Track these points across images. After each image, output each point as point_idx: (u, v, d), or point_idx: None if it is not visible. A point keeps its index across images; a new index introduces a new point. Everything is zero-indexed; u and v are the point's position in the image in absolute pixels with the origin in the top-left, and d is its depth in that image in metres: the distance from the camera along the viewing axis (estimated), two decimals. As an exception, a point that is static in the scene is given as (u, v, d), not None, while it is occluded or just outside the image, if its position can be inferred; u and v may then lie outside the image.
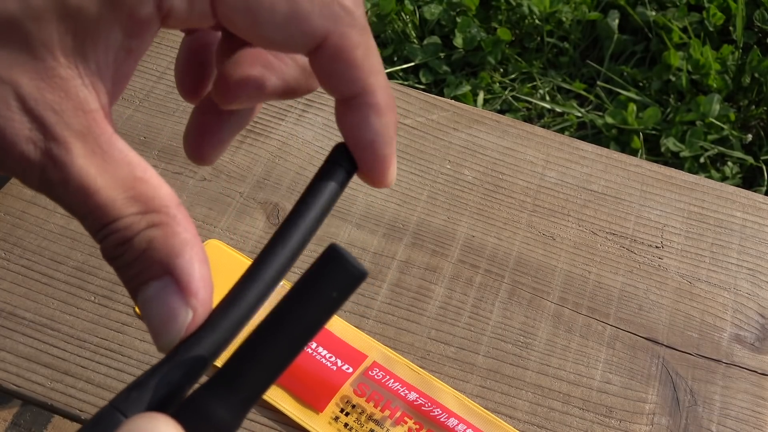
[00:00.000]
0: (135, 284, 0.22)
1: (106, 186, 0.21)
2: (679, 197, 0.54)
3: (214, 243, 0.49)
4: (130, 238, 0.21)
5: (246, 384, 0.21)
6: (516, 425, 0.44)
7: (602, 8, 1.43)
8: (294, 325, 0.22)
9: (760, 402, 0.45)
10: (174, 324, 0.22)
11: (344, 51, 0.23)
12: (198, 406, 0.21)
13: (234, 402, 0.21)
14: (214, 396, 0.21)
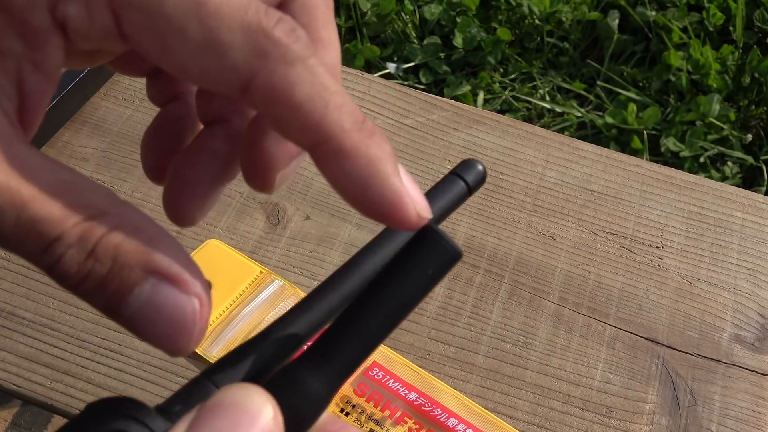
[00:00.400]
0: (115, 301, 0.19)
1: (35, 196, 0.18)
2: (679, 197, 0.54)
3: (214, 243, 0.49)
4: (91, 252, 0.19)
5: (340, 358, 0.21)
6: (516, 425, 0.44)
7: (602, 8, 1.43)
8: (390, 301, 0.21)
9: (760, 402, 0.45)
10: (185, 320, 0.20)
11: (279, 92, 0.19)
12: (291, 377, 0.21)
13: (328, 375, 0.21)
14: (307, 368, 0.21)
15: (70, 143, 0.55)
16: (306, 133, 0.20)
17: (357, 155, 0.20)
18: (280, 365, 0.21)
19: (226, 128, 0.24)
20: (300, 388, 0.20)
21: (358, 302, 0.22)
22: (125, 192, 0.53)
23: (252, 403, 0.18)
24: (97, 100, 0.58)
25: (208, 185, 0.24)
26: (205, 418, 0.18)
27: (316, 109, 0.20)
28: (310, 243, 0.50)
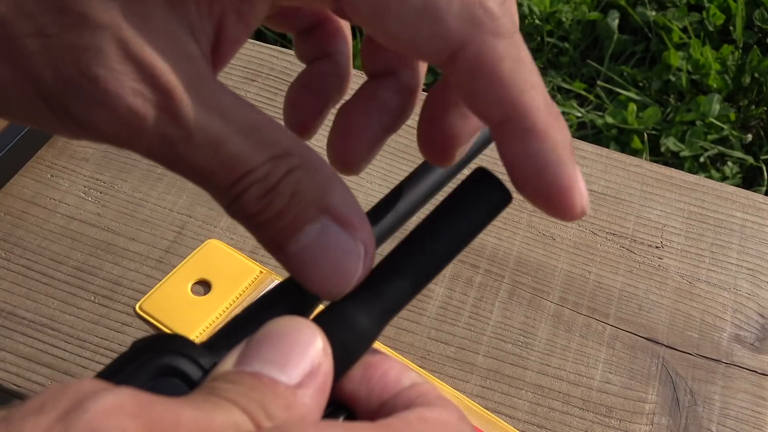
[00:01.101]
0: (285, 236, 0.19)
1: (231, 135, 0.19)
2: (679, 197, 0.54)
3: (214, 243, 0.49)
4: (273, 186, 0.19)
5: (390, 294, 0.21)
6: (516, 425, 0.44)
7: (602, 8, 1.43)
8: (442, 239, 0.21)
9: (760, 402, 0.45)
10: (349, 263, 0.20)
11: (486, 64, 0.19)
12: (340, 313, 0.20)
13: (377, 311, 0.21)
14: (356, 304, 0.20)
15: (70, 143, 0.55)
16: (501, 108, 0.20)
17: (545, 137, 0.20)
18: (320, 302, 0.21)
19: (394, 81, 0.24)
20: (349, 324, 0.20)
21: (412, 239, 0.21)
22: (125, 192, 0.53)
23: (302, 334, 0.19)
24: (97, 100, 0.58)
25: (376, 133, 0.24)
26: (255, 348, 0.18)
27: (516, 85, 0.20)
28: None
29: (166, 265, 0.49)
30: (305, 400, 0.18)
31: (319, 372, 0.18)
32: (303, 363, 0.18)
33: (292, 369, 0.18)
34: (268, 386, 0.17)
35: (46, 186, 0.53)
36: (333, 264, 0.20)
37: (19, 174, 0.53)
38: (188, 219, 0.51)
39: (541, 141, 0.20)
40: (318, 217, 0.19)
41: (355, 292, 0.21)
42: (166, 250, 0.50)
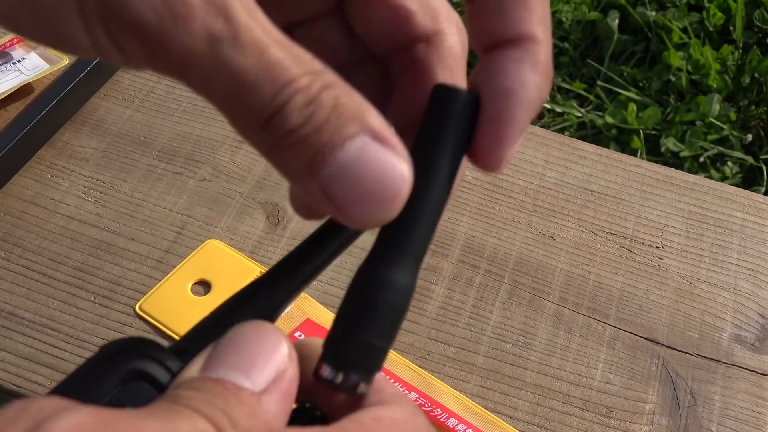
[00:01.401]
0: (323, 154, 0.18)
1: (274, 43, 0.18)
2: (679, 197, 0.54)
3: (214, 243, 0.49)
4: (315, 96, 0.18)
5: (412, 240, 0.20)
6: (516, 425, 0.44)
7: (602, 8, 1.43)
8: (439, 167, 0.20)
9: (760, 402, 0.45)
10: (394, 182, 0.18)
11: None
12: (377, 277, 0.20)
13: (410, 262, 0.20)
14: (386, 264, 0.20)
15: (70, 143, 0.55)
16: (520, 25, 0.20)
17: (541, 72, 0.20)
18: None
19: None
20: (389, 284, 0.20)
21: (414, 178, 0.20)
22: (125, 192, 0.53)
23: (267, 340, 0.18)
24: (97, 100, 0.58)
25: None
26: (220, 354, 0.18)
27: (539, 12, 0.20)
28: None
29: (166, 265, 0.49)
30: (270, 407, 0.18)
31: (284, 378, 0.18)
32: (268, 369, 0.18)
33: (257, 375, 0.18)
34: (232, 393, 0.17)
35: (46, 186, 0.53)
36: (377, 183, 0.18)
37: (19, 174, 0.53)
38: (188, 219, 0.51)
39: (537, 73, 0.20)
40: (358, 133, 0.18)
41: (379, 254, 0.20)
42: (166, 250, 0.50)
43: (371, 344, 0.20)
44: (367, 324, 0.20)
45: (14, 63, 0.58)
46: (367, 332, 0.20)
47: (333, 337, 0.20)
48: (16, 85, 0.56)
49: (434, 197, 0.20)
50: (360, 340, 0.20)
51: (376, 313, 0.20)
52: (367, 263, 0.20)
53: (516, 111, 0.20)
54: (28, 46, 0.60)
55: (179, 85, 0.59)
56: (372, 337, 0.20)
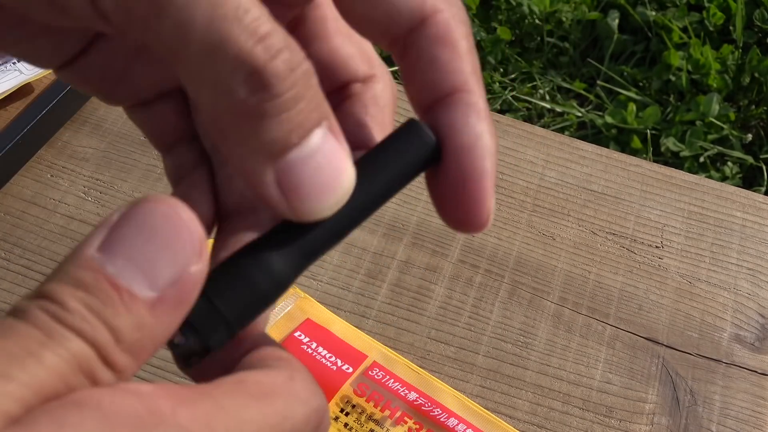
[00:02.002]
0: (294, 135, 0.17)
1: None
2: (679, 197, 0.54)
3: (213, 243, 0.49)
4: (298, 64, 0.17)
5: (310, 240, 0.19)
6: (516, 425, 0.44)
7: (602, 8, 1.43)
8: (371, 186, 0.20)
9: (760, 402, 0.45)
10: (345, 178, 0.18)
11: (451, 34, 0.19)
12: (256, 253, 0.19)
13: (295, 255, 0.19)
14: (273, 247, 0.19)
15: (70, 143, 0.55)
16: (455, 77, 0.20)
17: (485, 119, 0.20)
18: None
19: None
20: (265, 266, 0.19)
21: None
22: (125, 192, 0.53)
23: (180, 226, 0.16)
24: (97, 100, 0.58)
25: None
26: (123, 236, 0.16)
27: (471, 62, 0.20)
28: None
29: (166, 265, 0.49)
30: (162, 318, 0.15)
31: (186, 281, 0.16)
32: (171, 268, 0.16)
33: (157, 276, 0.15)
34: (124, 301, 0.15)
35: (46, 186, 0.53)
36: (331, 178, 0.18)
37: (19, 174, 0.53)
38: (188, 219, 0.51)
39: (482, 120, 0.19)
40: (321, 122, 0.18)
41: (272, 236, 0.19)
42: (166, 250, 0.50)
43: (217, 309, 0.18)
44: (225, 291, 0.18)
45: (14, 63, 0.58)
46: (221, 298, 0.18)
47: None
48: (16, 85, 0.56)
49: (353, 215, 0.20)
50: (211, 303, 0.18)
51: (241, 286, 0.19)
52: (262, 239, 0.19)
53: (485, 163, 0.19)
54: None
55: (179, 85, 0.59)
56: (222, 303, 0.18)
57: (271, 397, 0.16)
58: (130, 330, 0.15)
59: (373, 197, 0.20)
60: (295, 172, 0.17)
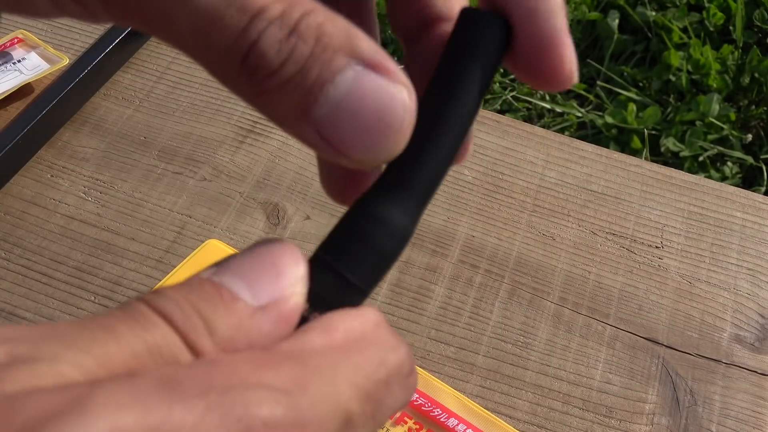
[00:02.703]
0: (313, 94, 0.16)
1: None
2: (679, 197, 0.54)
3: (214, 243, 0.49)
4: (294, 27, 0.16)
5: (418, 177, 0.18)
6: (516, 425, 0.44)
7: (602, 8, 1.43)
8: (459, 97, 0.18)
9: (760, 402, 0.45)
10: (395, 111, 0.16)
11: None
12: (369, 210, 0.18)
13: (409, 203, 0.18)
14: (384, 199, 0.18)
15: (70, 143, 0.55)
16: None
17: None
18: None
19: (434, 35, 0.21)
20: (382, 223, 0.18)
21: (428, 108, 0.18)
22: (125, 192, 0.53)
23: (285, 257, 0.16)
24: (97, 100, 0.58)
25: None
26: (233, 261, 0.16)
27: None
28: (310, 243, 0.50)
29: (166, 265, 0.49)
30: (261, 326, 0.15)
31: (288, 302, 0.16)
32: (274, 288, 0.16)
33: (260, 290, 0.16)
34: (225, 300, 0.15)
35: (46, 186, 0.53)
36: (376, 116, 0.16)
37: (19, 174, 0.53)
38: (188, 219, 0.51)
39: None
40: (349, 64, 0.16)
41: (380, 186, 0.18)
42: (166, 250, 0.50)
43: (348, 281, 0.17)
44: (350, 257, 0.17)
45: (14, 63, 0.58)
46: (347, 266, 0.17)
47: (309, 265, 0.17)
48: (16, 85, 0.56)
49: (453, 135, 0.18)
50: (338, 273, 0.17)
51: (362, 249, 0.18)
52: (364, 196, 0.18)
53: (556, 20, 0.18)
54: (28, 45, 0.60)
55: (179, 85, 0.59)
56: (351, 274, 0.17)
57: (362, 343, 0.16)
58: (225, 326, 0.15)
59: (464, 109, 0.18)
60: (332, 124, 0.16)
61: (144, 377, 0.13)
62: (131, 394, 0.12)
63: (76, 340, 0.13)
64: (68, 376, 0.13)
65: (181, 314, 0.15)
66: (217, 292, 0.15)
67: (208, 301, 0.15)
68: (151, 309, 0.14)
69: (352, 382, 0.15)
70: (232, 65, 0.16)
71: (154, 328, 0.14)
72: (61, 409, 0.12)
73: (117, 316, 0.14)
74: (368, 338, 0.16)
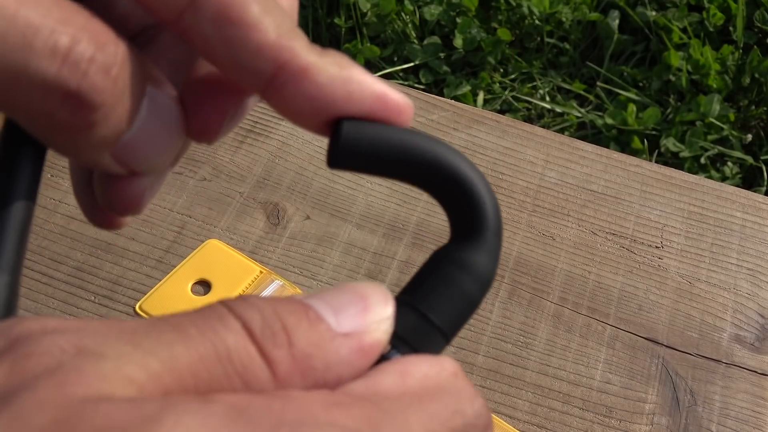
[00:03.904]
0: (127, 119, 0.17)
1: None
2: (679, 197, 0.54)
3: (214, 243, 0.49)
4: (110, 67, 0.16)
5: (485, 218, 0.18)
6: (516, 425, 0.44)
7: (602, 8, 1.43)
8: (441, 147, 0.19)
9: (760, 402, 0.45)
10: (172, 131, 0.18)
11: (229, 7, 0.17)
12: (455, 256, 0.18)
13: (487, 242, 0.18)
14: (463, 247, 0.18)
15: (70, 143, 0.55)
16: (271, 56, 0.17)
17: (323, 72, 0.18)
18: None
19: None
20: (468, 268, 0.18)
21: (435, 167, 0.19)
22: (125, 192, 0.53)
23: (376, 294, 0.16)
24: (97, 100, 0.58)
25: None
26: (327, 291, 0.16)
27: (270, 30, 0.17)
28: (310, 243, 0.50)
29: (166, 265, 0.49)
30: (340, 350, 0.15)
31: (370, 336, 0.16)
32: (359, 320, 0.16)
33: (345, 318, 0.16)
34: (310, 319, 0.15)
35: (46, 186, 0.53)
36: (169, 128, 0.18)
37: (19, 174, 0.53)
38: (188, 219, 0.51)
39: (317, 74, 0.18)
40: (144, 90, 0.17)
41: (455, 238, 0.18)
42: (166, 250, 0.50)
43: (432, 323, 0.18)
44: (434, 300, 0.18)
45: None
46: (431, 309, 0.18)
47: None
48: (16, 85, 0.56)
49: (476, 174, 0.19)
50: (422, 314, 0.18)
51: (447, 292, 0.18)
52: (446, 245, 0.19)
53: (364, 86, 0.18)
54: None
55: (179, 85, 0.59)
56: (435, 316, 0.18)
57: (437, 391, 0.16)
58: (305, 341, 0.15)
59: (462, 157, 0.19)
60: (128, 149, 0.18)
61: (216, 404, 0.13)
62: (202, 421, 0.12)
63: (144, 339, 0.13)
64: (133, 377, 0.13)
65: (261, 322, 0.14)
66: (304, 310, 0.15)
67: (293, 314, 0.15)
68: (230, 313, 0.14)
69: (426, 428, 0.15)
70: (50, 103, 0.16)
71: (226, 332, 0.14)
72: (129, 428, 0.12)
73: (191, 318, 0.14)
74: (444, 386, 0.16)
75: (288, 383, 0.14)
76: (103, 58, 0.16)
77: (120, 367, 0.13)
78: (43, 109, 0.16)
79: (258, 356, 0.14)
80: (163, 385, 0.13)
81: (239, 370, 0.14)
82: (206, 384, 0.14)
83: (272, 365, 0.14)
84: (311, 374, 0.15)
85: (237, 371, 0.14)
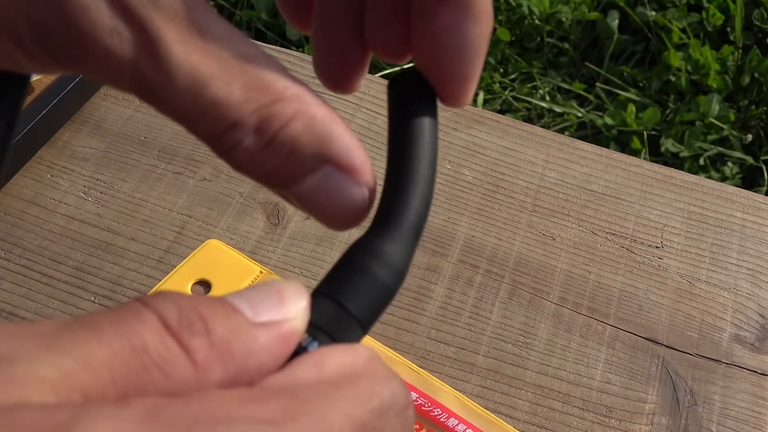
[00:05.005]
0: (284, 185, 0.19)
1: (216, 75, 0.17)
2: (679, 197, 0.54)
3: (214, 243, 0.49)
4: (268, 142, 0.18)
5: (407, 215, 0.20)
6: (516, 425, 0.44)
7: (602, 8, 1.43)
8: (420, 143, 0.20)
9: (760, 402, 0.45)
10: (354, 206, 0.19)
11: None
12: (368, 247, 0.19)
13: (403, 237, 0.19)
14: (380, 239, 0.19)
15: (70, 143, 0.55)
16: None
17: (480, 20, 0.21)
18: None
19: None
20: (381, 258, 0.19)
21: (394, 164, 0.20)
22: (125, 192, 0.53)
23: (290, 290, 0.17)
24: (97, 100, 0.58)
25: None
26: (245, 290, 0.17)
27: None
28: (310, 243, 0.50)
29: (166, 265, 0.49)
30: (258, 338, 0.15)
31: (287, 324, 0.16)
32: (275, 311, 0.16)
33: (261, 310, 0.16)
34: (226, 310, 0.15)
35: (46, 186, 0.53)
36: (337, 207, 0.19)
37: (19, 174, 0.53)
38: (188, 219, 0.51)
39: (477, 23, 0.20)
40: (319, 167, 0.19)
41: (373, 230, 0.20)
42: (166, 250, 0.50)
43: (348, 312, 0.18)
44: (349, 289, 0.18)
45: (14, 63, 0.58)
46: (347, 298, 0.18)
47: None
48: (16, 85, 0.56)
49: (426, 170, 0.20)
50: (338, 303, 0.18)
51: (362, 281, 0.18)
52: (362, 237, 0.20)
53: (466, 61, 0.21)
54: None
55: (179, 85, 0.59)
56: (351, 305, 0.18)
57: (353, 377, 0.16)
58: (223, 329, 0.15)
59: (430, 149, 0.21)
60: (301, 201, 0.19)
61: (131, 407, 0.13)
62: (116, 426, 0.12)
63: (57, 340, 0.13)
64: (46, 378, 0.13)
65: (177, 313, 0.14)
66: (220, 303, 0.15)
67: (210, 306, 0.15)
68: (146, 307, 0.14)
69: (344, 412, 0.15)
70: (217, 151, 0.18)
71: (142, 326, 0.14)
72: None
73: (105, 315, 0.14)
74: (359, 372, 0.16)
75: (208, 371, 0.14)
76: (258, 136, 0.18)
77: (33, 369, 0.13)
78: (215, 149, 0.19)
79: (176, 346, 0.14)
80: (78, 383, 0.13)
81: (157, 361, 0.14)
82: (124, 378, 0.14)
83: (191, 354, 0.14)
84: (231, 361, 0.15)
85: (155, 363, 0.14)
